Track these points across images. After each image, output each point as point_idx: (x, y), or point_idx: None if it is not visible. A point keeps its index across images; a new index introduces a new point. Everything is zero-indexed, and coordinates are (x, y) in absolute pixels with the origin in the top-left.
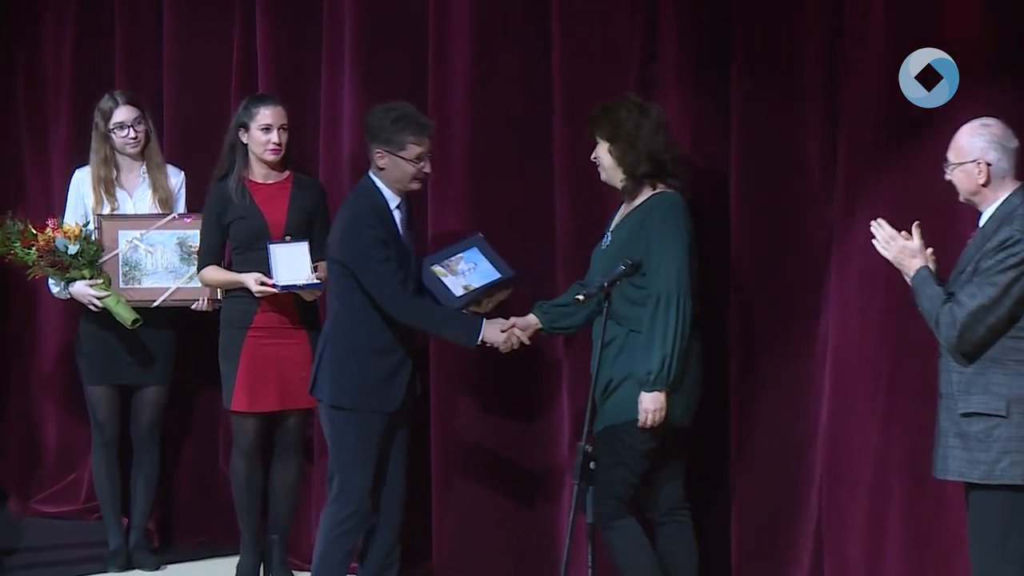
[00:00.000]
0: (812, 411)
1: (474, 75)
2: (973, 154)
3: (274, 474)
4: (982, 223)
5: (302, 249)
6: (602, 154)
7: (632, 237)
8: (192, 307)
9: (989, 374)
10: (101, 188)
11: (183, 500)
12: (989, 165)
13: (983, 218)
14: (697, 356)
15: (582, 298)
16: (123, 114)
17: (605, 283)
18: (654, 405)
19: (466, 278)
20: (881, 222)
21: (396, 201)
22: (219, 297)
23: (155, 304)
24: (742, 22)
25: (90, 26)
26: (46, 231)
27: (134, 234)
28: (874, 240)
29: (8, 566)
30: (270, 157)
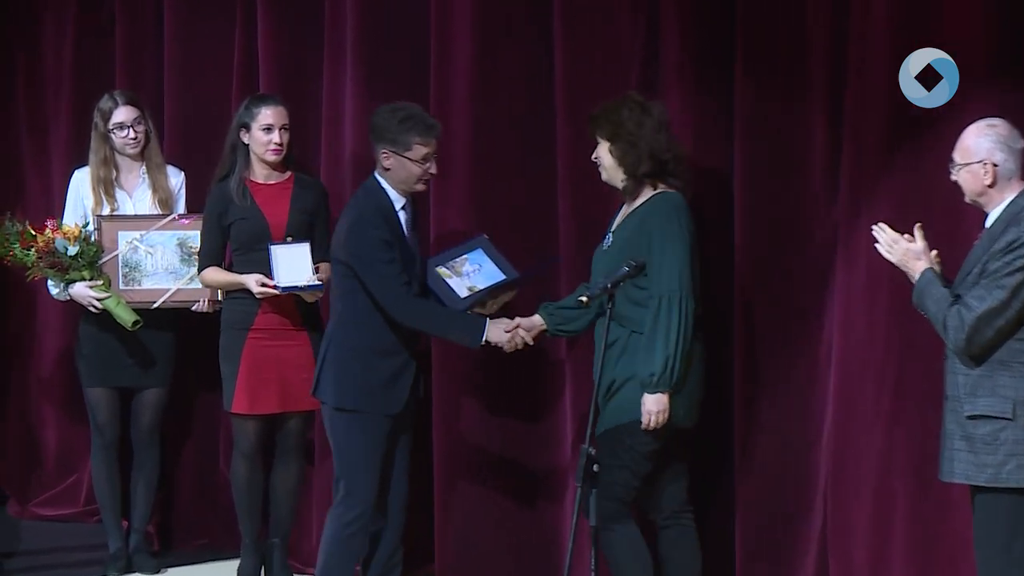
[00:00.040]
0: (816, 413)
1: (476, 74)
2: (979, 155)
3: (275, 477)
4: (988, 224)
5: (303, 250)
6: (603, 154)
7: (633, 238)
8: (192, 308)
9: (996, 376)
10: (100, 189)
11: (183, 503)
12: (995, 166)
13: (989, 219)
14: (699, 357)
15: (585, 300)
16: (123, 114)
17: (609, 284)
18: (657, 407)
19: (471, 279)
20: (882, 226)
21: (401, 202)
22: (220, 298)
23: (155, 305)
24: (745, 21)
25: (90, 26)
26: (45, 232)
27: (134, 235)
28: (877, 244)
29: (7, 569)
30: (271, 157)
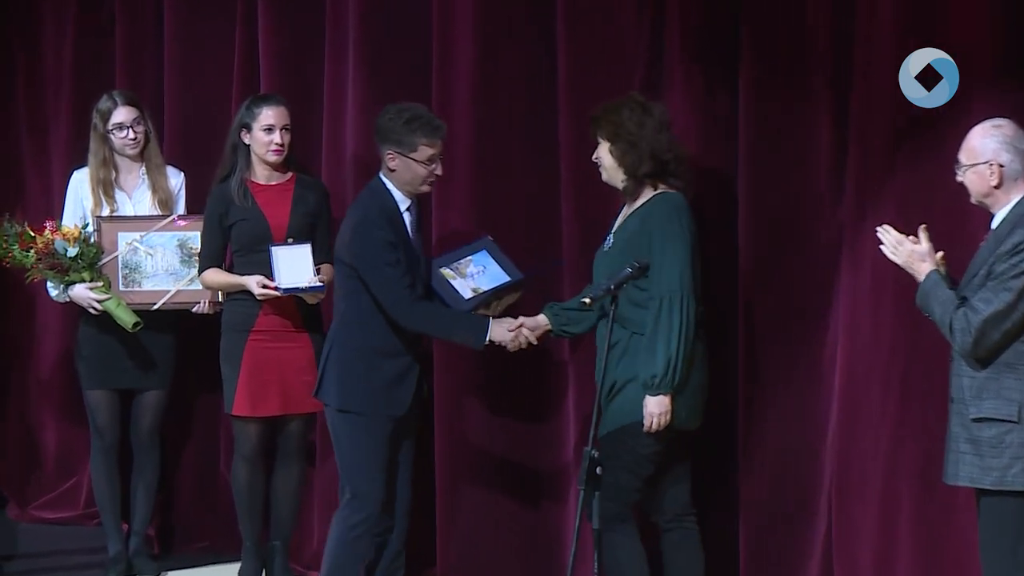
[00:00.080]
0: (820, 415)
1: (478, 75)
2: (985, 155)
3: (276, 479)
4: (994, 225)
5: (305, 251)
6: (603, 154)
7: (633, 238)
8: (193, 310)
9: (1001, 379)
10: (100, 190)
11: (184, 505)
12: (1002, 167)
13: (995, 220)
14: (701, 358)
15: (588, 301)
16: (122, 115)
17: (611, 286)
18: (659, 409)
19: (475, 281)
20: (887, 227)
21: (406, 203)
22: (220, 300)
23: (155, 307)
24: (749, 22)
25: (90, 26)
26: (44, 233)
27: (134, 236)
28: (881, 246)
29: (7, 572)
30: (272, 158)
